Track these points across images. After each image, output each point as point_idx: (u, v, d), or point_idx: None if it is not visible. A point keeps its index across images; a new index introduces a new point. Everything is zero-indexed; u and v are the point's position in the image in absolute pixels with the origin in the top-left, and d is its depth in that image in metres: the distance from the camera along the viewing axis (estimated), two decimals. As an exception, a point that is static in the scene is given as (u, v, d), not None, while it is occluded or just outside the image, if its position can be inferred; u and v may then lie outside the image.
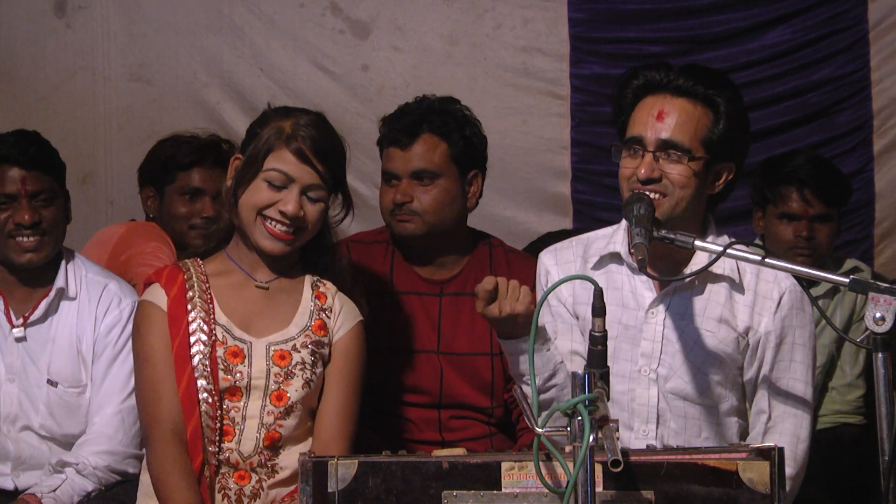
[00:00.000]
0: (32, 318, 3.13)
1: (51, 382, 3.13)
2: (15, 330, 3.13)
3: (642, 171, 2.55)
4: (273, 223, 2.70)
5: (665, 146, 2.56)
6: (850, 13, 4.12)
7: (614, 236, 2.72)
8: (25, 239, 3.07)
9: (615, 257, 2.71)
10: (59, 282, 3.14)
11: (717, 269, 2.60)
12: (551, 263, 2.77)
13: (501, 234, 3.44)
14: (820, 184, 3.72)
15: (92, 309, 3.15)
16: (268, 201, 2.69)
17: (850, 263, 3.90)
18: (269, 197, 2.69)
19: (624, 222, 2.71)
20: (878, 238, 4.14)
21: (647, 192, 2.53)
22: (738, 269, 2.65)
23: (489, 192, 4.16)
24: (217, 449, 2.67)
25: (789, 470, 2.50)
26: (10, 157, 3.10)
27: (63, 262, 3.17)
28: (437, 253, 3.21)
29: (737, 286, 2.65)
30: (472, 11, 4.27)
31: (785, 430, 2.64)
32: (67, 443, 3.14)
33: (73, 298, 3.16)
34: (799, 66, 4.16)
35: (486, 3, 4.26)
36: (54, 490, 3.01)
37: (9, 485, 3.12)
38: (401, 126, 3.16)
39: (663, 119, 2.56)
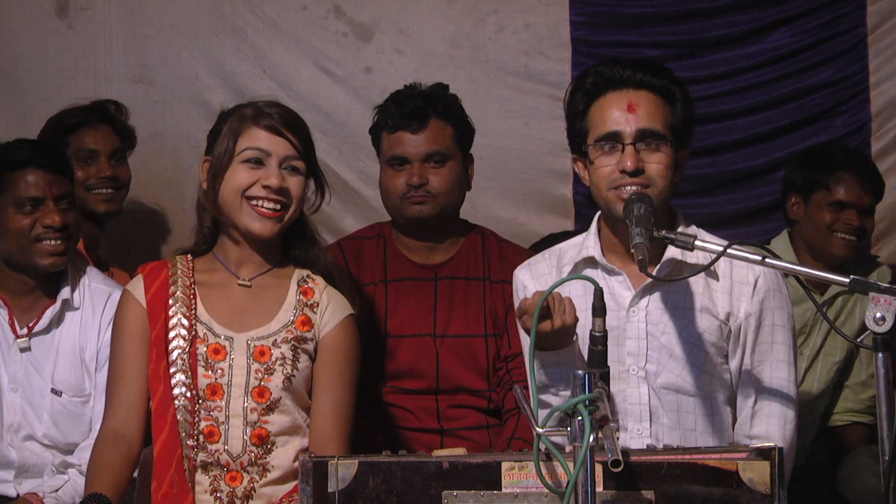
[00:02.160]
0: (37, 328, 3.14)
1: (55, 392, 3.13)
2: (19, 340, 3.13)
3: (629, 163, 2.57)
4: (259, 202, 2.71)
5: (643, 135, 2.59)
6: (849, 17, 4.13)
7: (586, 242, 2.75)
8: (53, 242, 3.07)
9: (589, 262, 2.73)
10: (65, 293, 3.15)
11: (690, 259, 2.63)
12: (527, 278, 2.79)
13: (504, 236, 3.45)
14: (871, 174, 3.76)
15: (96, 318, 3.16)
16: (250, 180, 2.71)
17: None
18: (250, 176, 2.72)
19: (594, 227, 2.75)
20: (875, 238, 4.16)
21: (634, 186, 2.55)
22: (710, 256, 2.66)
23: (491, 194, 4.20)
24: (195, 443, 2.67)
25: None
26: (33, 161, 3.10)
27: (68, 272, 3.17)
28: (437, 236, 3.26)
29: (711, 273, 2.68)
30: (475, 15, 4.28)
31: (773, 412, 2.66)
32: (70, 452, 3.14)
33: (77, 308, 3.16)
34: (798, 69, 4.17)
35: (488, 6, 4.27)
36: (56, 490, 3.02)
37: (11, 492, 3.13)
38: (409, 110, 3.21)
39: (635, 111, 2.60)
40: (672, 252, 2.65)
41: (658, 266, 2.66)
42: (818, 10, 4.14)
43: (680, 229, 2.65)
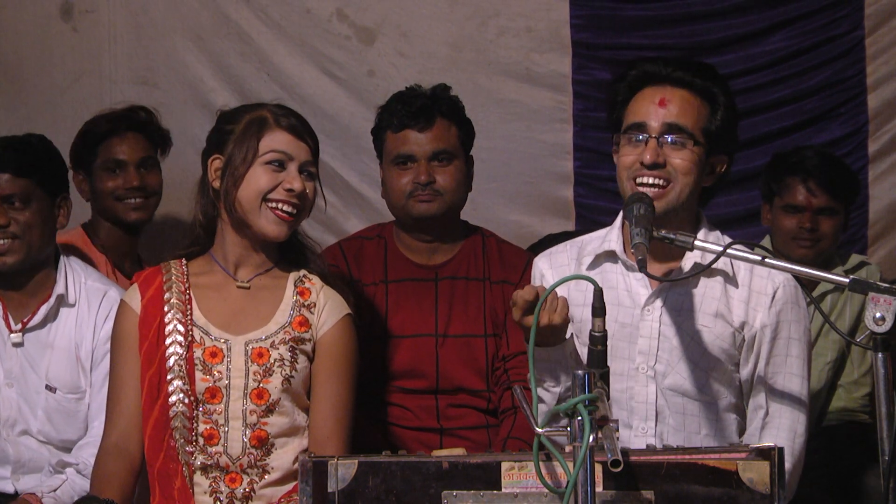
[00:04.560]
0: (31, 323, 3.14)
1: (49, 388, 3.13)
2: (13, 335, 3.14)
3: (647, 157, 2.56)
4: (278, 205, 2.71)
5: (669, 130, 2.57)
6: (847, 19, 4.14)
7: (608, 235, 2.74)
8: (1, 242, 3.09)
9: (610, 256, 2.72)
10: (59, 288, 3.15)
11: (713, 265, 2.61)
12: (546, 267, 2.79)
13: (505, 238, 3.45)
14: (825, 175, 3.75)
15: (91, 316, 3.16)
16: (272, 183, 2.71)
17: (855, 259, 3.92)
18: (273, 179, 2.72)
19: (618, 221, 2.74)
20: (871, 239, 4.18)
21: (651, 179, 2.55)
22: (732, 263, 2.65)
23: (493, 196, 4.20)
24: (195, 449, 2.68)
25: (787, 465, 2.50)
26: None
27: (63, 268, 3.18)
28: (441, 236, 3.26)
29: (731, 280, 2.66)
30: (476, 18, 4.29)
31: (782, 426, 2.65)
32: (65, 448, 3.15)
33: (72, 305, 3.17)
34: (797, 71, 4.18)
35: (489, 10, 4.28)
36: (55, 490, 3.02)
37: (9, 488, 3.14)
38: (416, 109, 3.22)
39: (666, 105, 2.59)
40: (694, 257, 2.64)
41: (676, 269, 2.65)
42: (816, 12, 4.15)
43: (702, 234, 2.63)
